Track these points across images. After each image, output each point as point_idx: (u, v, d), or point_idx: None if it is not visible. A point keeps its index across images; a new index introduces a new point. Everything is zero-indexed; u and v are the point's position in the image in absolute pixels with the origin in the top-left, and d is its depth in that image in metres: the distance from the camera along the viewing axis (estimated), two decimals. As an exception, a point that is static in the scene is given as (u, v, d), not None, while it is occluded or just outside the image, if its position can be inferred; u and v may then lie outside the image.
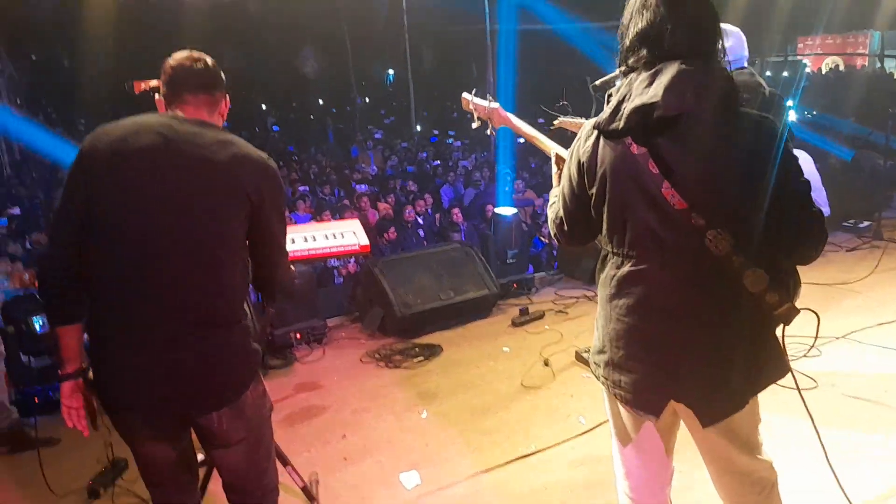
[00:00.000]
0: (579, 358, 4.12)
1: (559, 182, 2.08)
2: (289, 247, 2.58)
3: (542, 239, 8.70)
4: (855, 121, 10.90)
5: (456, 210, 8.89)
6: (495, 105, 2.56)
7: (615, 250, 1.73)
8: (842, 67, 21.30)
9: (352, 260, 7.27)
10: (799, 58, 20.80)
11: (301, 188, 10.83)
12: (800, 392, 1.79)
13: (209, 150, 1.80)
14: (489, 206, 9.11)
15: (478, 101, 2.62)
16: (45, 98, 20.35)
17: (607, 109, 1.67)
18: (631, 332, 1.72)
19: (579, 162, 1.75)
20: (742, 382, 1.68)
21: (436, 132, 16.97)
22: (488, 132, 2.64)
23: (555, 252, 8.56)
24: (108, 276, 1.78)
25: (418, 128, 17.36)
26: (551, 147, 2.27)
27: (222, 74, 1.96)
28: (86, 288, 1.80)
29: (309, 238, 2.68)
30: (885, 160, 6.58)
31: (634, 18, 1.67)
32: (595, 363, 1.85)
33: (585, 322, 4.80)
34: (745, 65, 3.06)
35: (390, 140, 16.27)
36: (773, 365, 1.72)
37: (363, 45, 18.34)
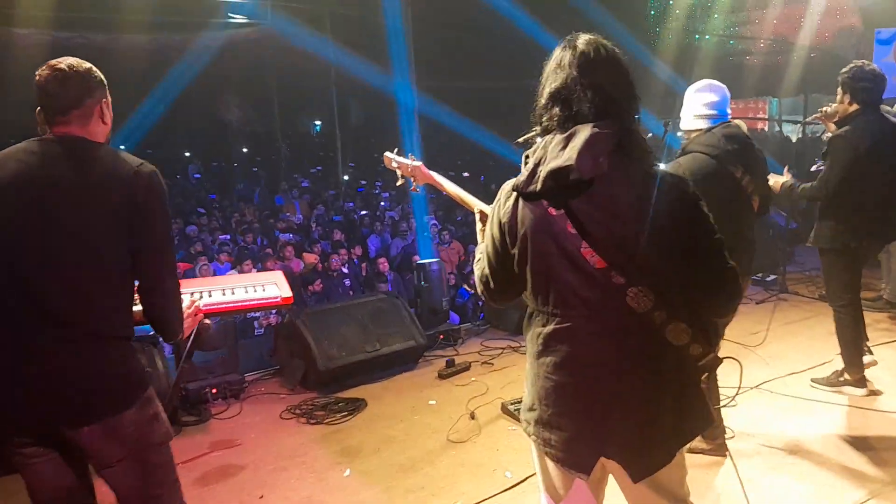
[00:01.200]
0: (505, 410, 4.09)
1: (483, 238, 2.10)
2: (206, 300, 2.48)
3: (468, 289, 8.74)
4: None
5: (382, 260, 8.84)
6: (418, 163, 2.58)
7: (540, 308, 1.74)
8: (745, 129, 22.78)
9: (273, 311, 7.06)
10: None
11: (221, 237, 10.54)
12: (728, 451, 1.82)
13: (75, 171, 1.80)
14: (415, 257, 9.12)
15: (400, 159, 2.63)
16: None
17: (524, 172, 1.69)
18: (559, 390, 1.72)
19: (500, 222, 1.77)
20: (670, 435, 1.71)
21: (363, 182, 16.98)
22: (412, 189, 2.64)
23: (480, 303, 8.61)
24: None
25: (345, 178, 17.32)
26: (474, 203, 2.29)
27: (95, 73, 1.91)
28: None
29: (227, 291, 2.57)
30: (788, 219, 7.02)
31: (550, 77, 1.71)
32: (526, 420, 1.84)
33: (511, 373, 4.80)
34: (729, 121, 3.20)
35: (317, 189, 16.14)
36: (698, 416, 1.75)
37: (289, 96, 18.35)
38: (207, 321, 2.41)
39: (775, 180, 3.89)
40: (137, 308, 1.94)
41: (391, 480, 3.41)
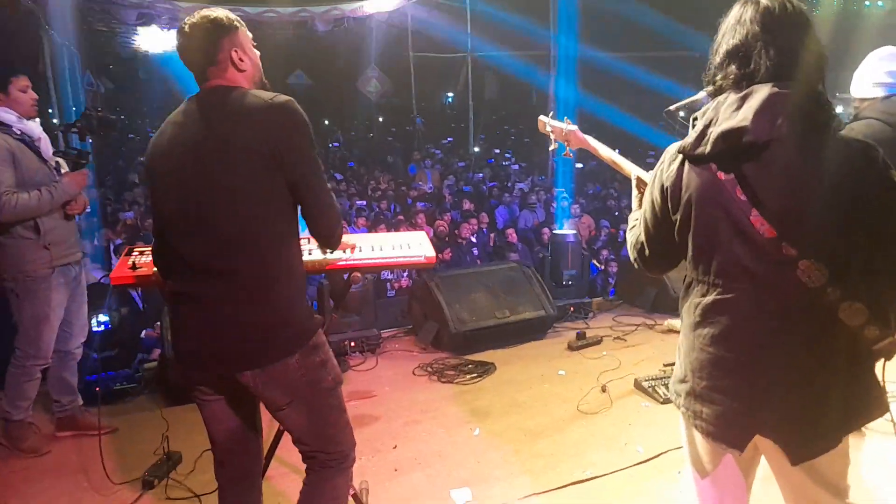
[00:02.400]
0: (638, 386, 4.01)
1: (640, 206, 2.02)
2: (355, 255, 2.58)
3: (598, 265, 8.58)
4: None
5: (511, 230, 8.86)
6: (573, 127, 2.52)
7: (700, 278, 1.66)
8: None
9: (405, 274, 7.30)
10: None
11: (359, 202, 10.97)
12: (896, 433, 1.68)
13: (210, 123, 1.86)
14: (545, 230, 9.06)
15: (554, 122, 2.59)
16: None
17: (693, 133, 1.60)
18: (715, 363, 1.64)
19: (662, 186, 1.69)
20: (836, 420, 1.58)
21: (495, 152, 17.03)
22: (564, 154, 2.60)
23: (611, 279, 8.44)
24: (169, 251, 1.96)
25: (476, 149, 17.43)
26: (632, 170, 2.21)
27: (220, 23, 1.91)
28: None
29: (375, 247, 2.67)
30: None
31: (727, 35, 1.61)
32: (676, 392, 1.78)
33: (645, 350, 4.68)
34: None
35: (448, 160, 16.38)
36: (870, 403, 1.61)
37: (425, 69, 18.67)
38: (358, 274, 2.52)
39: None
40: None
41: (519, 443, 3.45)
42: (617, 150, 2.41)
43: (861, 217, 1.49)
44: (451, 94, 27.29)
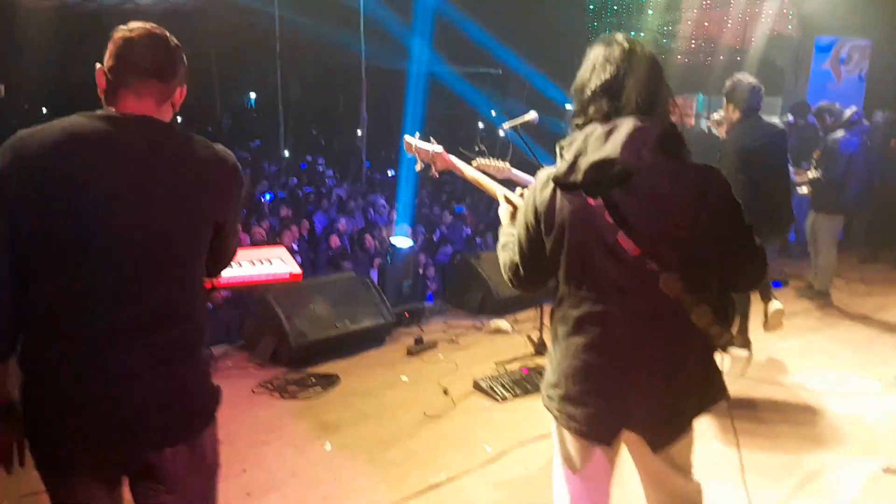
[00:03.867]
0: (477, 387, 4.21)
1: (510, 222, 2.18)
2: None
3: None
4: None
5: (334, 236, 8.78)
6: (439, 148, 2.61)
7: (573, 292, 1.83)
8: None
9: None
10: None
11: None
12: (731, 417, 1.97)
13: (159, 158, 1.61)
14: (367, 237, 9.10)
15: (422, 144, 2.66)
16: None
17: (563, 163, 1.76)
18: (588, 369, 1.81)
19: (537, 211, 1.83)
20: (691, 406, 1.84)
21: (308, 158, 16.70)
22: (431, 174, 2.68)
23: (429, 283, 8.69)
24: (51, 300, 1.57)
25: (286, 153, 16.99)
26: (497, 189, 2.34)
27: (185, 60, 1.72)
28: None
29: (235, 265, 2.54)
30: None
31: (597, 71, 1.79)
32: (548, 397, 1.93)
33: (477, 351, 4.92)
34: None
35: (257, 163, 15.77)
36: (714, 390, 1.88)
37: (229, 67, 17.84)
38: (218, 294, 2.39)
39: None
40: None
41: (372, 454, 3.47)
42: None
43: (715, 229, 1.73)
44: (253, 95, 26.33)
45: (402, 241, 5.97)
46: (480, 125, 20.20)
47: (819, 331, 5.40)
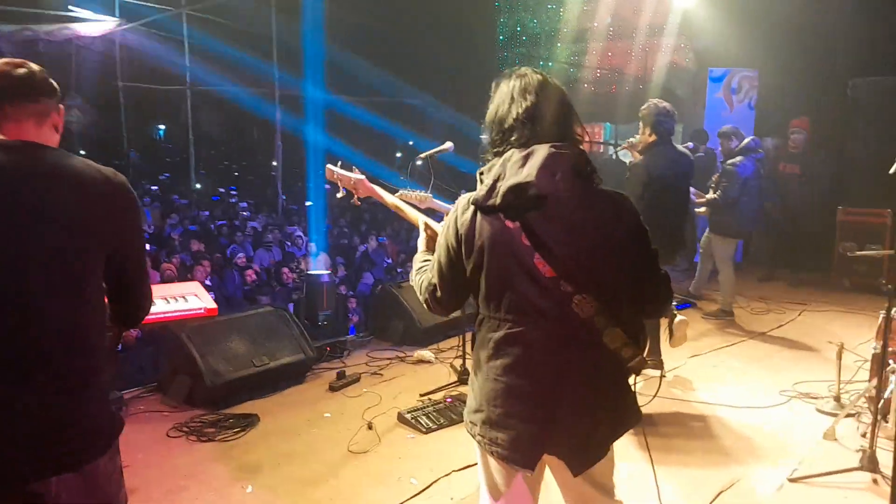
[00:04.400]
0: (402, 419, 4.18)
1: (427, 248, 2.22)
2: None
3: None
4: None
5: (250, 271, 8.59)
6: (361, 176, 2.64)
7: (492, 314, 1.87)
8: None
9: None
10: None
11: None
12: (645, 437, 2.05)
13: (28, 179, 1.59)
14: (285, 269, 8.95)
15: (343, 172, 2.67)
16: None
17: (483, 187, 1.82)
18: (508, 391, 1.84)
19: (457, 233, 1.88)
20: (607, 432, 1.89)
21: (220, 190, 16.28)
22: (353, 202, 2.69)
23: (350, 315, 8.63)
24: None
25: (198, 186, 16.52)
26: (418, 216, 2.38)
27: (54, 83, 1.78)
28: None
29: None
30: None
31: (517, 101, 1.87)
32: (471, 422, 1.95)
33: (402, 382, 4.89)
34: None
35: (167, 197, 15.26)
36: (630, 413, 1.95)
37: (137, 100, 17.25)
38: (131, 333, 2.29)
39: None
40: None
41: (296, 495, 3.38)
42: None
43: (622, 253, 1.82)
44: (162, 127, 25.54)
45: (318, 272, 5.89)
46: (398, 154, 20.35)
47: (723, 348, 5.69)
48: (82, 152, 21.27)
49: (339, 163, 2.75)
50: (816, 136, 8.09)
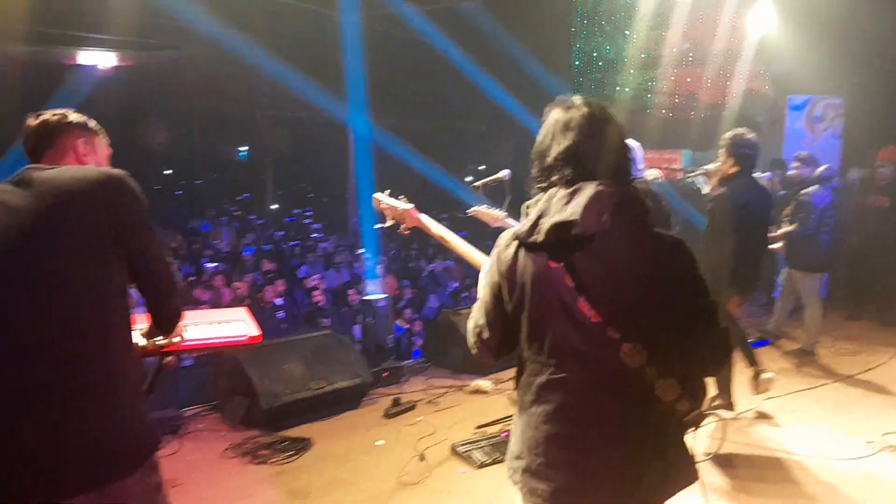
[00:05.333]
0: (455, 452, 4.09)
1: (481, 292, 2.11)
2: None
3: (402, 325, 8.72)
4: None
5: (317, 293, 8.71)
6: (409, 206, 2.57)
7: (534, 358, 1.76)
8: (660, 179, 24.08)
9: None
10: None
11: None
12: (703, 485, 1.88)
13: (38, 189, 1.63)
14: (351, 291, 9.03)
15: (391, 201, 2.62)
16: None
17: (526, 223, 1.72)
18: (549, 440, 1.73)
19: (500, 270, 1.78)
20: (654, 488, 1.74)
21: (295, 211, 16.72)
22: (399, 231, 2.63)
23: (414, 339, 8.59)
24: None
25: (274, 206, 17.02)
26: (480, 260, 2.19)
27: (74, 119, 1.91)
28: None
29: (191, 325, 2.45)
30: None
31: (558, 138, 1.75)
32: (513, 469, 1.84)
33: (458, 413, 4.81)
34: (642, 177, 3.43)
35: (243, 216, 15.78)
36: (683, 471, 1.78)
37: (215, 122, 17.99)
38: (171, 357, 2.30)
39: None
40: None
41: (343, 524, 3.34)
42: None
43: (673, 302, 1.67)
44: (244, 149, 26.55)
45: (376, 296, 5.89)
46: (468, 179, 20.41)
47: (803, 391, 5.32)
48: (167, 172, 22.42)
49: (388, 191, 2.71)
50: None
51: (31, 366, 1.56)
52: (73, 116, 1.92)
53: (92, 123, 1.96)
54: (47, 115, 1.89)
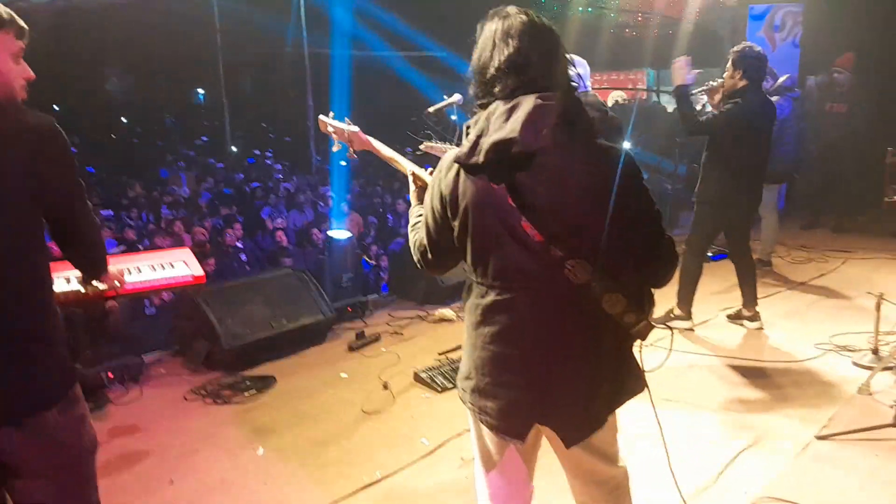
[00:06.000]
0: (418, 379, 4.14)
1: (417, 201, 2.08)
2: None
3: (369, 261, 8.70)
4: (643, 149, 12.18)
5: (279, 232, 8.62)
6: (355, 128, 2.51)
7: (479, 280, 1.74)
8: (622, 101, 23.80)
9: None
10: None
11: (104, 212, 9.89)
12: (654, 407, 1.92)
13: None
14: (314, 230, 8.95)
15: (337, 123, 2.55)
16: None
17: (466, 143, 1.65)
18: (496, 360, 1.73)
19: (441, 194, 1.73)
20: (604, 402, 1.76)
21: (256, 153, 16.35)
22: (348, 155, 2.57)
23: (382, 273, 8.60)
24: None
25: (234, 149, 16.64)
26: (407, 165, 2.26)
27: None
28: None
29: (133, 269, 2.41)
30: (674, 185, 7.47)
31: (499, 46, 1.65)
32: (462, 389, 1.85)
33: (421, 342, 4.85)
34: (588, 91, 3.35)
35: (203, 161, 15.41)
36: (632, 382, 1.80)
37: (172, 65, 17.35)
38: (114, 303, 2.26)
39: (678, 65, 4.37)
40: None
41: (306, 456, 3.38)
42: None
43: (619, 214, 1.62)
44: (202, 91, 25.74)
45: (340, 233, 5.84)
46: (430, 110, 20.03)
47: (758, 300, 5.44)
48: (123, 119, 21.73)
49: (332, 114, 2.63)
50: (864, 74, 7.56)
51: None
52: None
53: (4, 13, 1.71)
54: None
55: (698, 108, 4.75)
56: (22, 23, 1.72)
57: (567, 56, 1.70)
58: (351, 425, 3.68)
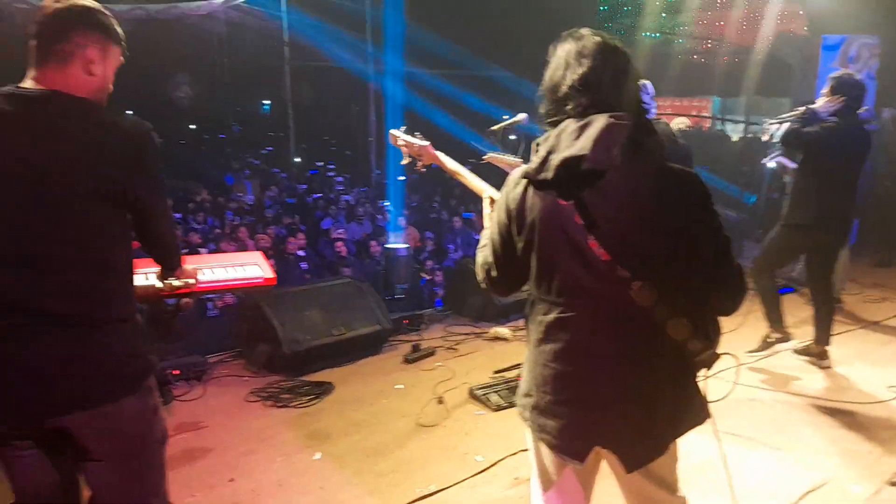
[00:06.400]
0: (473, 395, 4.14)
1: (489, 224, 2.10)
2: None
3: (425, 275, 8.77)
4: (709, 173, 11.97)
5: (339, 243, 8.77)
6: (425, 143, 2.56)
7: (543, 297, 1.74)
8: (685, 127, 23.43)
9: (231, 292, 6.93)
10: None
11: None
12: (717, 437, 1.88)
13: (50, 134, 1.62)
14: (373, 242, 9.08)
15: (408, 137, 2.61)
16: None
17: (535, 159, 1.67)
18: (557, 378, 1.73)
19: (508, 209, 1.75)
20: (665, 428, 1.73)
21: (318, 164, 16.71)
22: (417, 168, 2.63)
23: (437, 289, 8.65)
24: None
25: (297, 159, 17.04)
26: (483, 188, 2.26)
27: (100, 19, 1.74)
28: None
29: (207, 271, 2.50)
30: (738, 213, 7.31)
31: (572, 66, 1.68)
32: (522, 406, 1.85)
33: (476, 359, 4.85)
34: (656, 118, 3.36)
35: (267, 170, 15.83)
36: (694, 410, 1.77)
37: (240, 76, 17.94)
38: (188, 299, 2.35)
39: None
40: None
41: (361, 464, 3.41)
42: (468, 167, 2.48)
43: (685, 238, 1.62)
44: (268, 102, 26.47)
45: (397, 245, 5.92)
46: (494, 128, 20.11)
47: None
48: (192, 126, 22.51)
49: (404, 127, 2.68)
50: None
51: (43, 296, 1.64)
52: (100, 15, 1.75)
53: (114, 26, 1.79)
54: (72, 3, 1.72)
55: (764, 138, 4.75)
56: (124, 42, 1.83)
57: (640, 78, 1.72)
58: (405, 436, 3.71)
